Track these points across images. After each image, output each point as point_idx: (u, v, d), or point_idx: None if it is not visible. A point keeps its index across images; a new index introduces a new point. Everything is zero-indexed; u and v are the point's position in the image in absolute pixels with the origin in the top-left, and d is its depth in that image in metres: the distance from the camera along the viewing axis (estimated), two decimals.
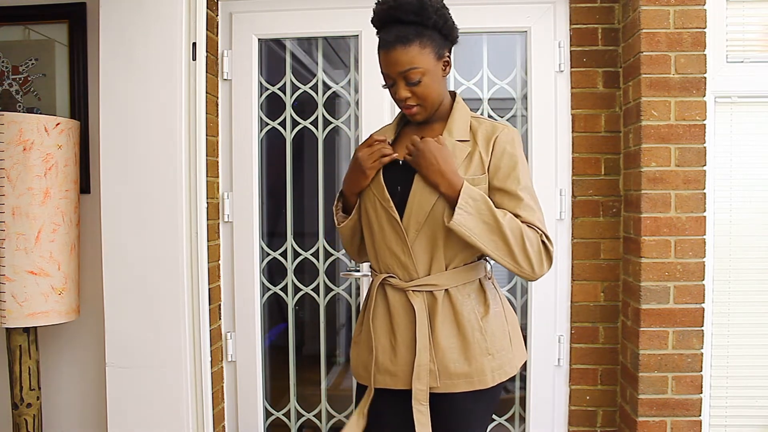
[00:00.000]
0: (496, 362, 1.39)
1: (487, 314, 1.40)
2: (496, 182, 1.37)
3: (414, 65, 1.32)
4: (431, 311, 1.38)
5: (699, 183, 1.98)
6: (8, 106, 2.18)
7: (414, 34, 1.32)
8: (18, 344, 1.96)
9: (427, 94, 1.36)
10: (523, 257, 1.31)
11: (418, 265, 1.38)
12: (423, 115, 1.40)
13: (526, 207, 1.35)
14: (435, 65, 1.36)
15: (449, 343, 1.37)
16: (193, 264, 1.95)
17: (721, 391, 2.12)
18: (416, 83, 1.34)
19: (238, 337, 2.33)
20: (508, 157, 1.37)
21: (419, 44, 1.33)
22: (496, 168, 1.37)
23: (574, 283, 2.23)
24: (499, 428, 2.37)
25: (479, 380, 1.37)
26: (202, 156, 1.96)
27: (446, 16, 1.38)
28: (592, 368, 2.24)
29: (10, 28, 2.18)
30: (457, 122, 1.41)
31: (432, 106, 1.40)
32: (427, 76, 1.35)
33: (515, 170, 1.37)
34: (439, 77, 1.38)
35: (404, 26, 1.33)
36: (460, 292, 1.39)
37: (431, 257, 1.38)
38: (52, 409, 2.20)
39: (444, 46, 1.38)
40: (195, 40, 1.94)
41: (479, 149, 1.38)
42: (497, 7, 2.24)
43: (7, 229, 1.87)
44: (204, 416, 1.97)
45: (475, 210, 1.30)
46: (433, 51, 1.35)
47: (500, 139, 1.38)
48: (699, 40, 1.97)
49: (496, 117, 2.30)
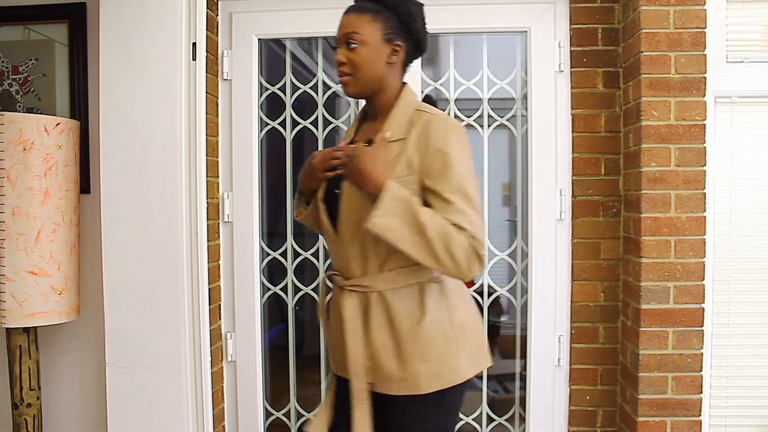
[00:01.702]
0: (433, 369, 1.34)
1: (423, 319, 1.35)
2: (427, 182, 1.31)
3: (356, 30, 1.35)
4: (365, 311, 1.38)
5: (699, 183, 1.98)
6: (8, 106, 2.17)
7: (372, 8, 1.36)
8: (18, 344, 1.95)
9: (361, 64, 1.35)
10: (449, 260, 1.26)
11: (353, 265, 1.39)
12: (354, 88, 1.38)
13: (457, 211, 1.28)
14: (380, 43, 1.36)
15: (383, 344, 1.36)
16: (193, 264, 1.95)
17: (721, 391, 2.12)
18: (353, 50, 1.35)
19: (238, 337, 2.33)
20: (440, 155, 1.30)
21: (372, 17, 1.36)
22: (426, 167, 1.31)
23: (574, 283, 2.23)
24: (499, 428, 2.37)
25: (413, 384, 1.34)
26: (202, 156, 1.95)
27: (412, 9, 1.39)
28: (592, 368, 2.24)
29: (10, 28, 2.18)
30: (396, 118, 1.38)
31: (363, 81, 1.37)
32: (366, 47, 1.35)
33: (446, 170, 1.30)
34: (382, 58, 1.37)
35: (367, 1, 1.38)
36: (395, 295, 1.36)
37: (364, 258, 1.37)
38: (52, 409, 2.20)
39: (398, 33, 1.38)
40: (195, 40, 1.94)
41: (409, 147, 1.33)
42: (497, 7, 2.24)
43: (7, 229, 1.87)
44: (204, 416, 1.97)
45: (399, 211, 1.26)
46: (382, 29, 1.36)
47: (432, 136, 1.31)
48: (699, 40, 1.97)
49: (497, 117, 2.30)
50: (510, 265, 2.34)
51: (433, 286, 1.39)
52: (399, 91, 1.42)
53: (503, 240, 2.42)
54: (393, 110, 1.39)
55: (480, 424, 2.34)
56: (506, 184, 2.53)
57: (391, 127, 1.37)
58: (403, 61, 1.42)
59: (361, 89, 1.39)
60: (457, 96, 2.30)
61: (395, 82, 1.41)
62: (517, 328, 2.35)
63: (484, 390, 2.34)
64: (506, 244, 2.35)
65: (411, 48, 1.42)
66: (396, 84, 1.42)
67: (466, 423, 2.36)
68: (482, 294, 2.32)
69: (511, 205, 2.40)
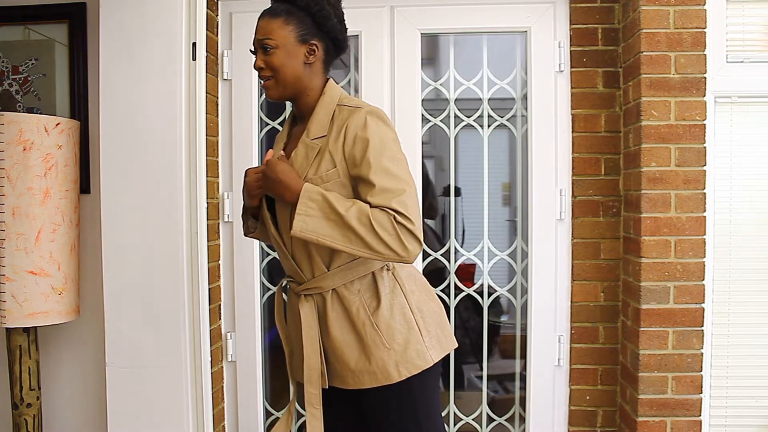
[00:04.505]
0: (400, 356, 1.36)
1: (379, 307, 1.37)
2: (353, 171, 1.33)
3: (269, 36, 1.36)
4: (322, 313, 1.40)
5: (699, 183, 1.98)
6: (8, 106, 2.17)
7: (284, 10, 1.38)
8: (18, 344, 1.95)
9: (279, 67, 1.37)
10: (379, 243, 1.25)
11: (303, 269, 1.41)
12: (276, 91, 1.40)
13: (379, 192, 1.27)
14: (294, 45, 1.37)
15: (345, 341, 1.38)
16: (193, 264, 1.95)
17: (721, 391, 2.12)
18: (269, 54, 1.36)
19: (238, 337, 2.33)
20: (359, 141, 1.32)
21: (284, 20, 1.37)
22: (350, 157, 1.33)
23: (574, 283, 2.23)
24: (499, 428, 2.37)
25: (383, 375, 1.36)
26: (202, 156, 1.95)
27: (325, 7, 1.39)
28: (592, 368, 2.24)
29: (10, 28, 2.18)
30: (317, 118, 1.39)
31: (285, 83, 1.39)
32: (281, 50, 1.36)
33: (366, 154, 1.30)
34: (299, 59, 1.38)
35: (280, 3, 1.40)
36: (348, 290, 1.38)
37: (310, 261, 1.39)
38: (52, 409, 2.20)
39: (313, 33, 1.39)
40: (195, 40, 1.94)
41: (331, 141, 1.35)
42: (497, 7, 2.24)
43: (7, 229, 1.87)
44: (204, 416, 1.97)
45: (316, 210, 1.28)
46: (296, 30, 1.37)
47: (350, 126, 1.33)
48: (699, 40, 1.97)
49: (497, 117, 2.30)
50: (510, 265, 2.34)
51: (385, 274, 1.40)
52: (322, 89, 1.43)
53: (503, 240, 2.42)
54: (316, 109, 1.40)
55: (480, 424, 2.34)
56: (506, 184, 2.53)
57: (315, 125, 1.38)
58: (323, 59, 1.43)
59: (281, 92, 1.40)
60: (457, 96, 2.30)
61: (317, 81, 1.43)
62: (517, 328, 2.35)
63: (484, 390, 2.34)
64: (506, 244, 2.35)
65: (329, 46, 1.43)
66: (318, 83, 1.43)
67: (466, 423, 2.36)
68: (482, 294, 2.32)
69: (511, 205, 2.40)
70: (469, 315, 2.77)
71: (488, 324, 2.32)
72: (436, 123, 2.31)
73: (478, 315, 2.40)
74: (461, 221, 3.45)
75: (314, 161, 1.35)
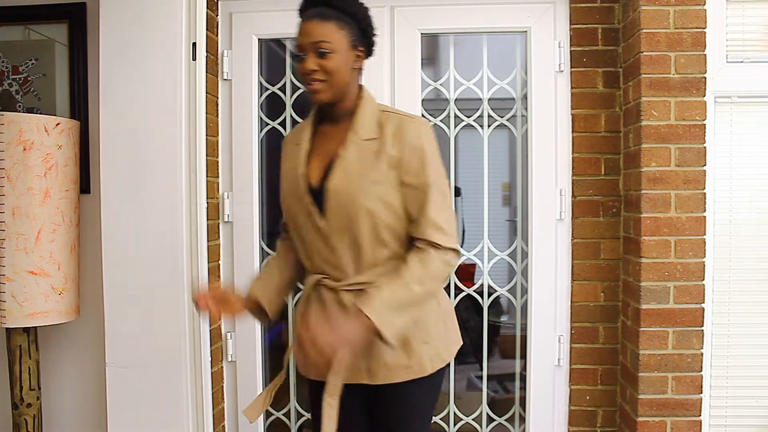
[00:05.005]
0: (434, 349, 1.43)
1: None
2: (406, 178, 1.37)
3: (326, 39, 1.36)
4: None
5: (699, 183, 1.98)
6: (8, 106, 2.18)
7: (334, 15, 1.38)
8: (18, 344, 1.96)
9: (334, 70, 1.37)
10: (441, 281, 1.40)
11: (345, 266, 1.41)
12: (326, 94, 1.40)
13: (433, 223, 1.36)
14: (347, 50, 1.39)
15: None
16: (193, 264, 1.95)
17: (721, 391, 2.12)
18: (325, 57, 1.36)
19: (238, 337, 2.33)
20: (416, 151, 1.37)
21: (336, 24, 1.37)
22: (405, 164, 1.37)
23: (574, 283, 2.23)
24: (499, 428, 2.37)
25: (419, 369, 1.41)
26: (202, 156, 1.96)
27: (368, 15, 1.44)
28: (592, 368, 2.24)
29: (10, 28, 2.18)
30: (364, 119, 1.42)
31: (336, 86, 1.40)
32: (336, 54, 1.37)
33: (423, 166, 1.37)
34: (349, 64, 1.40)
35: (327, 8, 1.39)
36: None
37: (356, 258, 1.40)
38: (52, 409, 2.20)
39: (360, 40, 1.42)
40: (195, 40, 1.94)
41: (387, 146, 1.38)
42: (497, 7, 2.24)
43: (7, 229, 1.87)
44: (204, 416, 1.97)
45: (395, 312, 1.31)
46: (348, 36, 1.39)
47: (407, 134, 1.38)
48: (699, 40, 1.97)
49: (496, 117, 2.30)
50: (510, 265, 2.34)
51: None
52: (358, 93, 1.46)
53: (503, 240, 2.43)
54: (359, 112, 1.43)
55: (480, 424, 2.34)
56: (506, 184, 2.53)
57: (363, 126, 1.41)
58: (361, 65, 1.46)
59: (331, 95, 1.41)
60: (457, 96, 2.30)
61: (355, 85, 1.46)
62: (517, 328, 2.35)
63: (484, 390, 2.34)
64: (506, 244, 2.35)
65: (367, 53, 1.47)
66: (356, 87, 1.46)
67: (466, 423, 2.36)
68: (482, 294, 2.32)
69: (511, 205, 2.41)
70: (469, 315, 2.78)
71: (488, 324, 2.32)
72: (436, 123, 2.31)
73: (478, 315, 2.40)
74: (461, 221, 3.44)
75: (373, 162, 1.37)
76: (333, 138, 1.45)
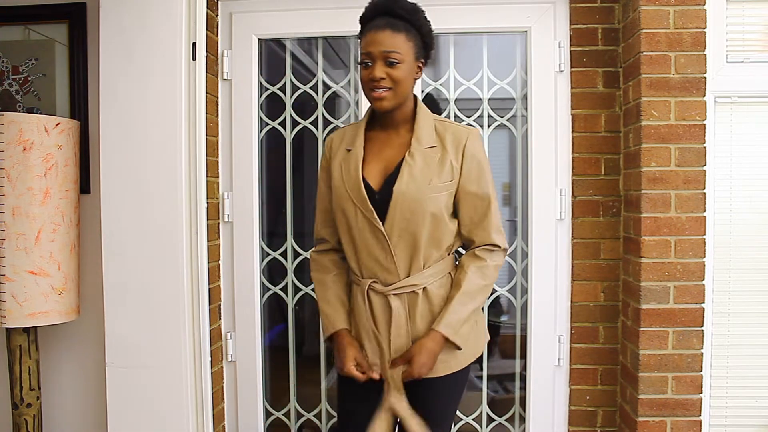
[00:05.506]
0: (472, 343, 1.55)
1: None
2: (468, 186, 1.50)
3: (397, 49, 1.43)
4: (411, 308, 1.51)
5: (699, 183, 1.98)
6: (8, 106, 2.18)
7: (404, 26, 1.45)
8: (18, 344, 1.96)
9: (401, 79, 1.44)
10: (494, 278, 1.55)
11: (399, 268, 1.49)
12: (390, 102, 1.46)
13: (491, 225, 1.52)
14: (413, 61, 1.47)
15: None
16: (193, 264, 1.95)
17: (721, 391, 2.12)
18: (394, 66, 1.43)
19: (238, 337, 2.33)
20: (477, 162, 1.50)
21: (406, 35, 1.45)
22: (467, 173, 1.49)
23: (574, 283, 2.23)
24: (499, 428, 2.37)
25: (455, 363, 1.52)
26: (202, 156, 1.96)
27: (431, 30, 1.51)
28: (592, 368, 2.24)
29: (10, 28, 2.18)
30: (424, 128, 1.50)
31: (401, 95, 1.46)
32: (405, 65, 1.44)
33: (483, 174, 1.51)
34: (413, 74, 1.48)
35: (398, 19, 1.45)
36: (435, 287, 1.51)
37: (411, 259, 1.49)
38: (52, 409, 2.20)
39: (422, 52, 1.50)
40: (195, 40, 1.94)
41: (449, 155, 1.48)
42: (497, 7, 2.24)
43: (7, 229, 1.87)
44: (204, 416, 1.97)
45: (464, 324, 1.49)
46: (414, 48, 1.47)
47: (468, 146, 1.49)
48: (699, 40, 1.97)
49: (496, 117, 2.30)
50: (510, 265, 2.34)
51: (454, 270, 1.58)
52: (413, 102, 1.54)
53: None
54: (417, 120, 1.51)
55: (480, 424, 2.35)
56: (506, 184, 2.52)
57: (424, 135, 1.49)
58: (420, 76, 1.54)
59: (395, 103, 1.47)
60: (457, 96, 2.30)
61: (411, 94, 1.53)
62: (517, 328, 2.35)
63: (484, 390, 2.34)
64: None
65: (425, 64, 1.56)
66: (411, 96, 1.53)
67: (466, 423, 2.36)
68: None
69: (511, 205, 2.40)
70: None
71: (488, 324, 2.32)
72: None
73: None
74: None
75: (437, 169, 1.47)
76: (389, 144, 1.52)
